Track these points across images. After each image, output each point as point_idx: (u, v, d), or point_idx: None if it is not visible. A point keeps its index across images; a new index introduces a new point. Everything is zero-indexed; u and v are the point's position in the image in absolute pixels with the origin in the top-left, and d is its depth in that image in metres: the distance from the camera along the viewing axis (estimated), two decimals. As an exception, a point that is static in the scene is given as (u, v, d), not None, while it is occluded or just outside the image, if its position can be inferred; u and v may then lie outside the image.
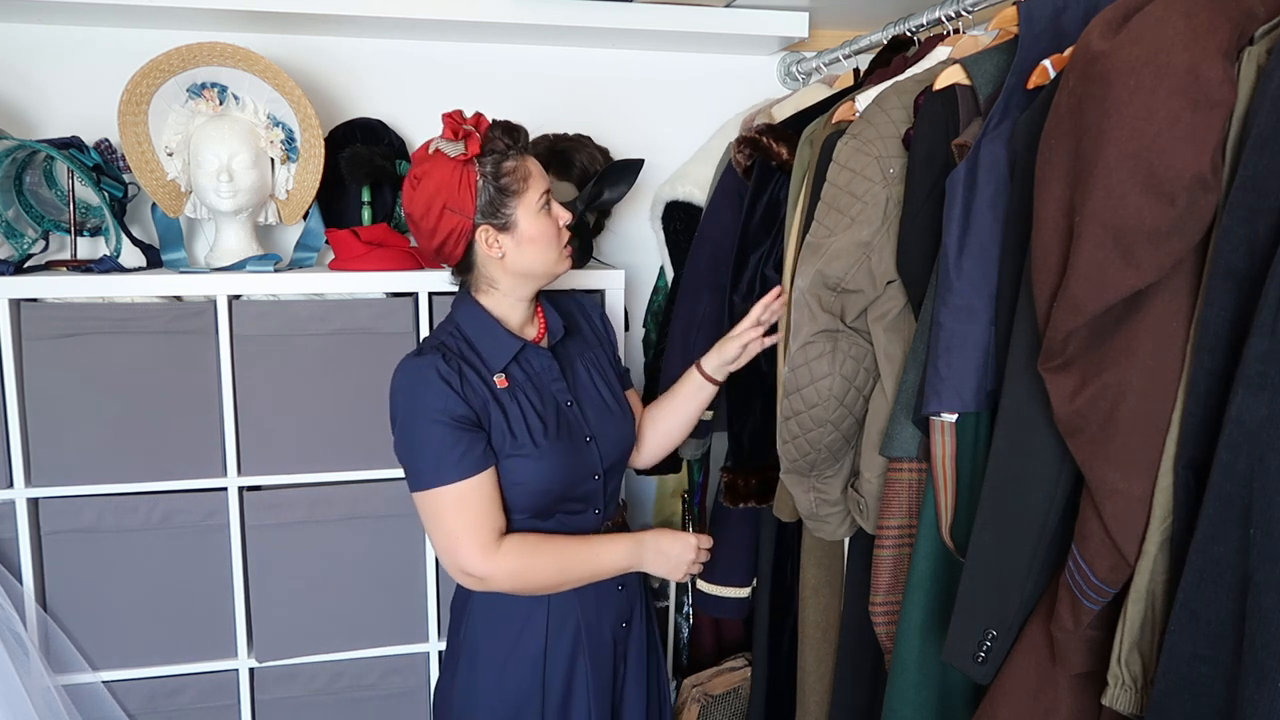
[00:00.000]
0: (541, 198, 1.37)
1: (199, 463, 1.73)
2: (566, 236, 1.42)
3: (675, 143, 2.17)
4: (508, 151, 1.35)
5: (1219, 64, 0.80)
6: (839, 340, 1.31)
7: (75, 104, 1.91)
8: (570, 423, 1.42)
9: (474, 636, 1.43)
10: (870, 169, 1.24)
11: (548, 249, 1.39)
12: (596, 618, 1.45)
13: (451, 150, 1.32)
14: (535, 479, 1.36)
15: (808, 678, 1.60)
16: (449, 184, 1.32)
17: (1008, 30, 1.21)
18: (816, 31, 2.15)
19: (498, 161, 1.34)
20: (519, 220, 1.36)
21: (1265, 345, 0.73)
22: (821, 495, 1.42)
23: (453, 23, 1.90)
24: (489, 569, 1.33)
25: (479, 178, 1.33)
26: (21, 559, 1.67)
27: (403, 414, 1.34)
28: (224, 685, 1.80)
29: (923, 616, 1.19)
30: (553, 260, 1.40)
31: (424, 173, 1.34)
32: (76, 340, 1.65)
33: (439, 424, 1.30)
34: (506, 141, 1.35)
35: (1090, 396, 0.89)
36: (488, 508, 1.33)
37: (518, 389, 1.39)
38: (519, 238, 1.36)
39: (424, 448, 1.31)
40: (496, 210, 1.34)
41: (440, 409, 1.31)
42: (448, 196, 1.33)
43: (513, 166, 1.35)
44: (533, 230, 1.36)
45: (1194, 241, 0.83)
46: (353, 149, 1.89)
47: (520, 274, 1.39)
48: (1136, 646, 0.91)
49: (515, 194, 1.35)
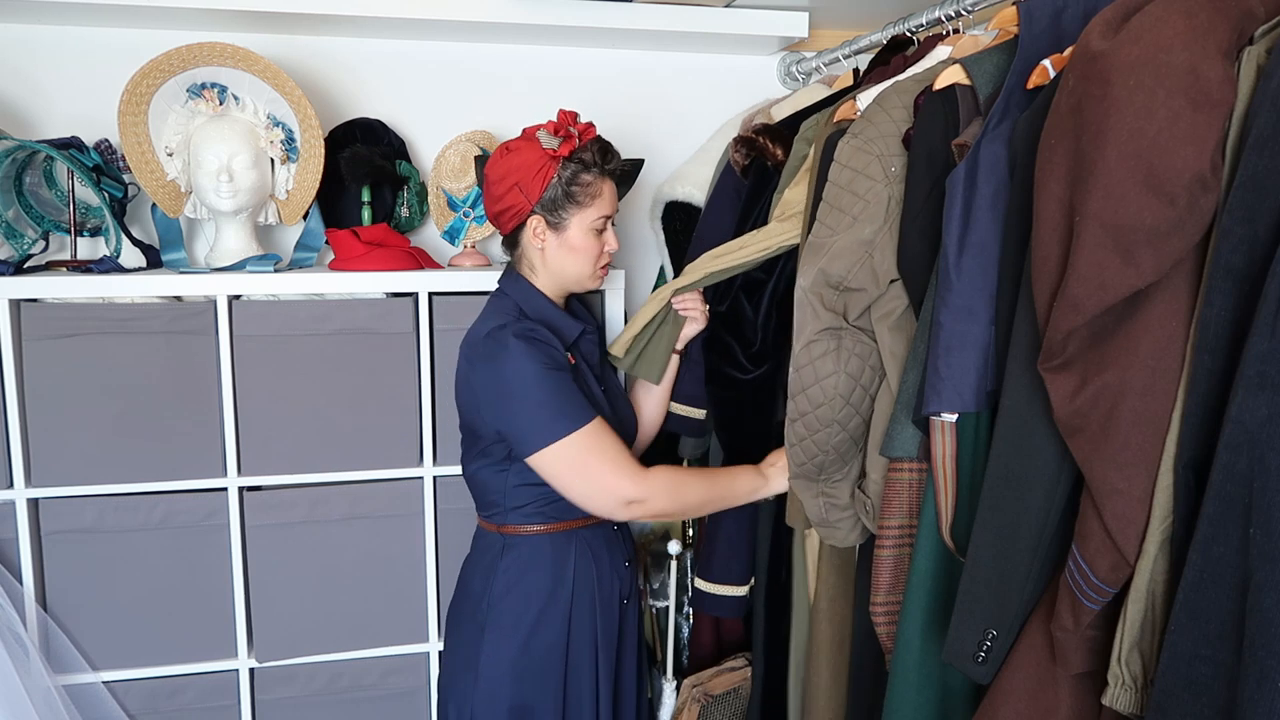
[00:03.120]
0: (601, 219, 1.51)
1: (199, 463, 1.73)
2: (606, 261, 1.55)
3: (675, 143, 2.17)
4: (590, 167, 1.47)
5: (1219, 64, 0.80)
6: (843, 338, 1.31)
7: (75, 104, 1.91)
8: (606, 406, 1.56)
9: (501, 605, 1.52)
10: (872, 167, 1.24)
11: (583, 263, 1.52)
12: (611, 589, 1.58)
13: (547, 142, 1.45)
14: None
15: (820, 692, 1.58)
16: (529, 168, 1.45)
17: (1007, 30, 1.21)
18: (816, 31, 2.15)
19: (578, 171, 1.46)
20: (570, 227, 1.48)
21: (1265, 345, 0.73)
22: (831, 500, 1.42)
23: (453, 23, 1.90)
24: (647, 489, 1.43)
25: (555, 175, 1.45)
26: (21, 559, 1.67)
27: (507, 381, 1.41)
28: (224, 685, 1.80)
29: (923, 616, 1.19)
30: (585, 275, 1.53)
31: (516, 148, 1.47)
32: (76, 340, 1.65)
33: (552, 378, 1.41)
34: (595, 159, 1.47)
35: (1090, 396, 0.89)
36: (618, 440, 1.45)
37: (580, 367, 1.52)
38: (564, 242, 1.49)
39: (545, 402, 1.41)
40: (555, 209, 1.47)
41: (551, 365, 1.41)
42: (521, 177, 1.45)
43: (589, 181, 1.47)
44: (578, 241, 1.50)
45: (1194, 241, 0.83)
46: (353, 149, 1.89)
47: (553, 273, 1.53)
48: (1136, 646, 0.91)
49: (579, 205, 1.47)
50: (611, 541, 1.62)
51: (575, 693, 1.55)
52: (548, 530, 1.53)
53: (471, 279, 1.81)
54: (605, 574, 1.58)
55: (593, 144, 1.48)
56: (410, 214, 2.04)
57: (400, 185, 2.02)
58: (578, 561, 1.53)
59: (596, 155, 1.48)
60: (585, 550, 1.56)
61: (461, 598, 1.60)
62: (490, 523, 1.56)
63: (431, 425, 1.82)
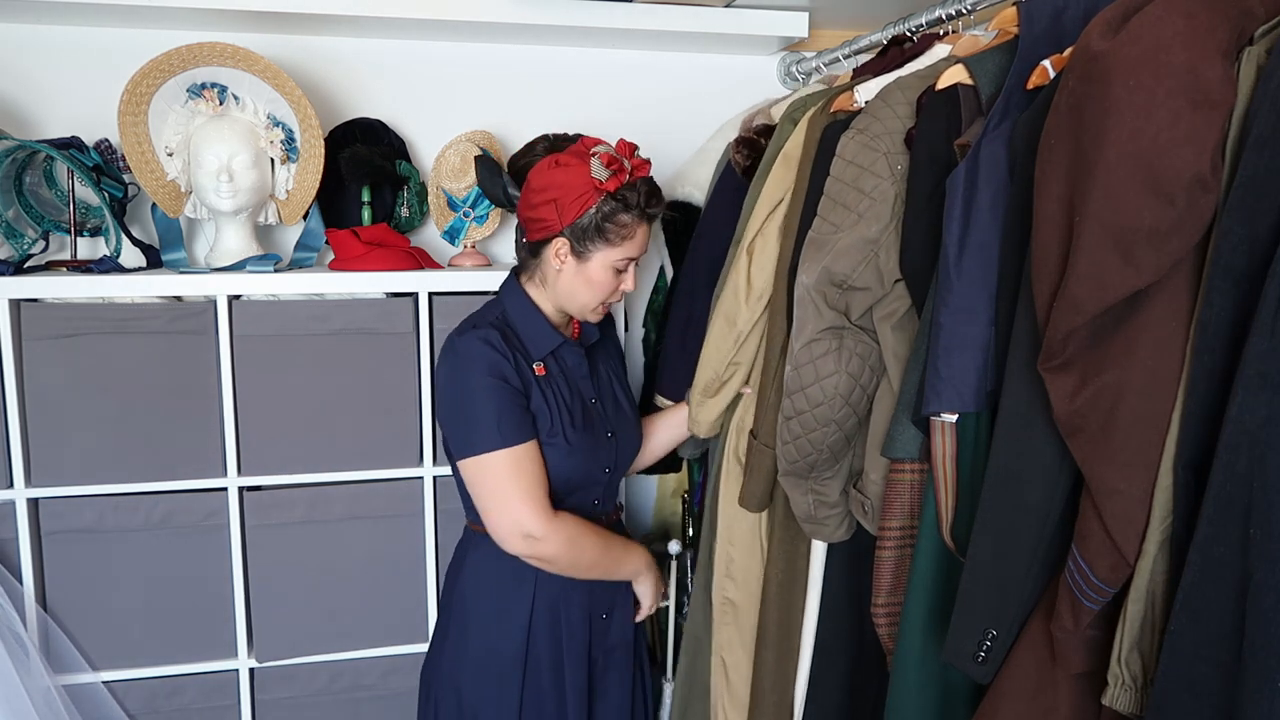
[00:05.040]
0: (625, 261, 1.48)
1: (199, 463, 1.73)
2: (618, 299, 1.53)
3: (675, 143, 2.17)
4: (631, 208, 1.44)
5: (1219, 64, 0.80)
6: (844, 338, 1.30)
7: (75, 104, 1.91)
8: (594, 418, 1.53)
9: (464, 603, 1.51)
10: (879, 165, 1.23)
11: (593, 295, 1.49)
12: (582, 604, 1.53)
13: (596, 171, 1.41)
14: (558, 467, 1.45)
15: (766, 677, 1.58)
16: (571, 191, 1.41)
17: (1007, 30, 1.21)
18: (816, 31, 2.14)
19: (617, 210, 1.43)
20: (592, 259, 1.46)
21: (1265, 345, 0.73)
22: (820, 497, 1.42)
23: (453, 23, 1.90)
24: (548, 530, 1.41)
25: (594, 208, 1.42)
26: (21, 559, 1.67)
27: (455, 383, 1.41)
28: (224, 685, 1.80)
29: (924, 617, 1.19)
30: (590, 306, 1.51)
31: (567, 164, 1.43)
32: (76, 340, 1.65)
33: (496, 391, 1.39)
34: (640, 202, 1.44)
35: (1090, 396, 0.89)
36: (541, 474, 1.43)
37: (553, 380, 1.48)
38: (582, 271, 1.47)
39: (481, 413, 1.39)
40: (583, 239, 1.44)
41: (498, 377, 1.39)
42: (561, 195, 1.42)
43: (625, 221, 1.45)
44: (596, 275, 1.47)
45: (1194, 242, 0.83)
46: (353, 149, 1.89)
47: (561, 294, 1.50)
48: (1136, 646, 0.91)
49: (608, 242, 1.45)
50: None
51: (532, 705, 1.51)
52: None
53: (471, 279, 1.81)
54: (575, 587, 1.52)
55: (642, 184, 1.45)
56: (410, 214, 2.04)
57: (400, 185, 2.02)
58: (539, 572, 1.49)
59: (642, 199, 1.45)
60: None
61: (443, 593, 1.62)
62: (467, 518, 1.57)
63: (431, 425, 1.82)
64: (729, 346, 1.56)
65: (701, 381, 1.62)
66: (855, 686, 1.45)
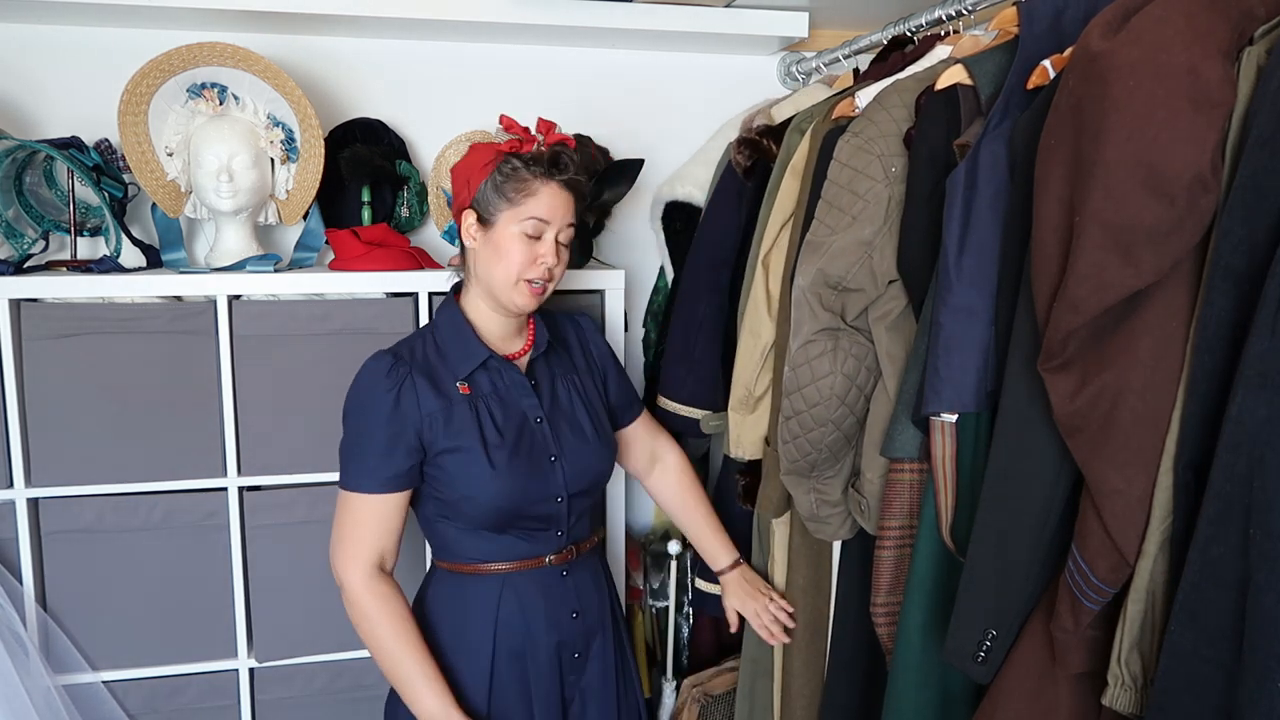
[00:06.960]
0: (532, 222, 1.38)
1: (199, 463, 1.73)
2: (538, 274, 1.39)
3: (675, 143, 2.17)
4: (532, 167, 1.39)
5: (1219, 64, 0.80)
6: (840, 338, 1.31)
7: (75, 104, 1.91)
8: (535, 441, 1.43)
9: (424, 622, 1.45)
10: (872, 167, 1.24)
11: (507, 268, 1.39)
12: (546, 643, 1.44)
13: (499, 139, 1.42)
14: (484, 493, 1.37)
15: (794, 680, 1.59)
16: (476, 164, 1.41)
17: (1007, 30, 1.21)
18: (816, 31, 2.14)
19: (516, 170, 1.39)
20: (497, 224, 1.40)
21: (1265, 345, 0.73)
22: (822, 496, 1.42)
23: (453, 23, 1.90)
24: (354, 586, 1.38)
25: (495, 171, 1.40)
26: (21, 559, 1.67)
27: (346, 406, 1.42)
28: (224, 685, 1.80)
29: (923, 617, 1.19)
30: (509, 281, 1.39)
31: (475, 147, 1.44)
32: (76, 340, 1.65)
33: (368, 434, 1.38)
34: (542, 159, 1.39)
35: (1090, 396, 0.89)
36: (382, 530, 1.39)
37: (481, 399, 1.42)
38: (490, 239, 1.41)
39: (351, 450, 1.40)
40: (486, 204, 1.41)
41: (374, 418, 1.37)
42: (469, 173, 1.42)
43: (525, 178, 1.38)
44: (503, 242, 1.39)
45: (1194, 241, 0.83)
46: (353, 149, 1.89)
47: (481, 279, 1.43)
48: (1136, 646, 0.91)
49: (508, 202, 1.39)
50: (551, 591, 1.44)
51: None
52: (469, 570, 1.43)
53: (471, 279, 1.80)
54: (538, 626, 1.42)
55: (548, 151, 1.40)
56: (410, 214, 2.04)
57: (400, 185, 2.02)
58: (500, 610, 1.41)
59: (544, 158, 1.39)
60: (512, 598, 1.41)
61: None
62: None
63: (431, 425, 1.82)
64: (756, 359, 1.56)
65: (735, 396, 1.61)
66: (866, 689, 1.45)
